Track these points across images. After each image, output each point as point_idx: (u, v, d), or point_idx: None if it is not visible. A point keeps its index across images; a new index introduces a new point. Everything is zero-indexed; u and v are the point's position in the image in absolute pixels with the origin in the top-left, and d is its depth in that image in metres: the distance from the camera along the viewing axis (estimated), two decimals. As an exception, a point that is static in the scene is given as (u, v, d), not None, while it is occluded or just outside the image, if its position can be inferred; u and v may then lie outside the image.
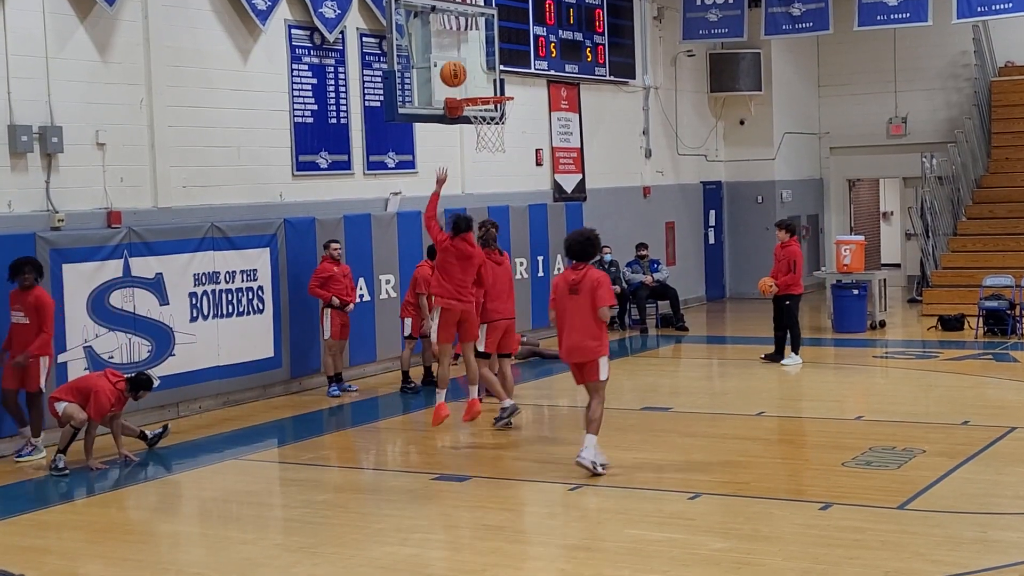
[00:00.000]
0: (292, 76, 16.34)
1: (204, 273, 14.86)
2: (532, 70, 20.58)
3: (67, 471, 11.89)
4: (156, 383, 12.72)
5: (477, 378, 13.11)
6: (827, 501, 10.04)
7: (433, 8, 14.20)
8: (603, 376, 11.20)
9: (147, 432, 13.06)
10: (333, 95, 16.93)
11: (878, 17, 22.24)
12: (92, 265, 13.59)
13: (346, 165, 17.19)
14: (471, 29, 14.79)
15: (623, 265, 21.86)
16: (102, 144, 13.93)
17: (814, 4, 22.72)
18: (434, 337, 13.26)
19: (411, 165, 18.28)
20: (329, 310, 15.68)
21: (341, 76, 17.06)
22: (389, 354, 17.31)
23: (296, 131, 16.38)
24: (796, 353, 17.52)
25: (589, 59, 22.10)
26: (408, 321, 15.99)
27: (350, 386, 16.13)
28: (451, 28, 14.57)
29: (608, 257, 21.42)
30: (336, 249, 15.84)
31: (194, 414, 14.71)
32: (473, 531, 9.86)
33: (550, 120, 21.49)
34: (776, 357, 17.61)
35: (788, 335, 17.56)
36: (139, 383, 12.42)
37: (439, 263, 12.99)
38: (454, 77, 13.93)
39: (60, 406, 12.17)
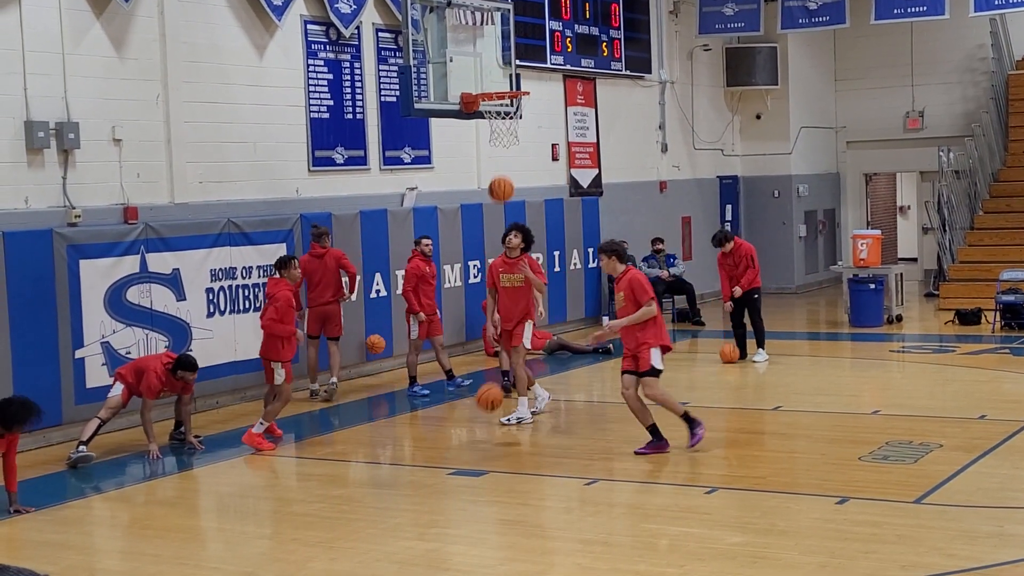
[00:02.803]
0: (308, 71, 16.36)
1: (221, 269, 14.90)
2: (548, 65, 20.57)
3: (82, 462, 11.96)
4: (195, 366, 12.63)
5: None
6: (843, 495, 10.02)
7: (449, 3, 14.21)
8: None
9: (194, 436, 12.89)
10: (349, 90, 16.95)
11: (895, 11, 22.19)
12: (109, 261, 13.63)
13: (362, 160, 17.20)
14: (487, 24, 14.81)
15: (639, 260, 21.83)
16: (118, 140, 13.97)
17: (830, -2, 22.71)
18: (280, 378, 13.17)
19: (427, 160, 18.30)
20: (411, 316, 15.49)
21: (357, 71, 17.08)
22: (406, 349, 17.29)
23: (312, 126, 16.41)
24: (762, 348, 17.41)
25: (605, 54, 22.08)
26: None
27: (422, 388, 15.68)
28: (467, 23, 14.59)
29: (624, 252, 21.39)
30: (428, 245, 15.72)
31: (211, 409, 14.75)
32: (490, 526, 9.88)
33: (566, 115, 21.48)
34: (740, 354, 17.46)
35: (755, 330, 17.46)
36: (178, 362, 12.49)
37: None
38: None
39: (116, 389, 12.37)
